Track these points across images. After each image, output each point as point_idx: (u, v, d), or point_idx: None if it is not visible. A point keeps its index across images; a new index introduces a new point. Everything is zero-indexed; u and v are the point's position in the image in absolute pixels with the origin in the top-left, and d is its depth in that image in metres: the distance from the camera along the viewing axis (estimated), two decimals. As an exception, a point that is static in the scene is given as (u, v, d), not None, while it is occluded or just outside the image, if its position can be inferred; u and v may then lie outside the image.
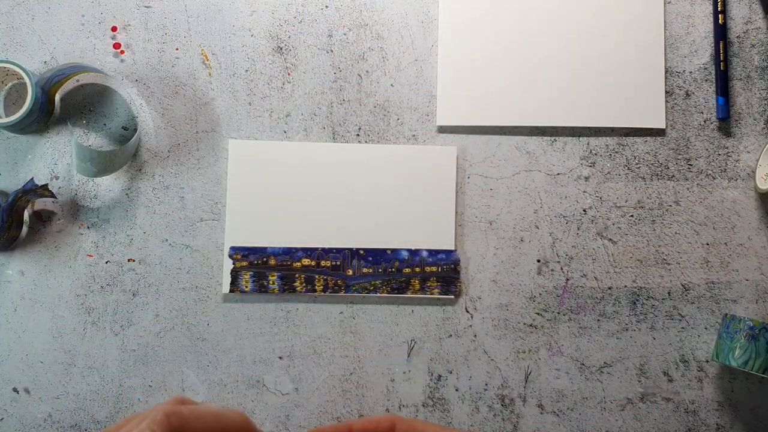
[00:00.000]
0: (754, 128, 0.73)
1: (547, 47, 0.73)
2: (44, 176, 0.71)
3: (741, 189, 0.72)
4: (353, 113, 0.72)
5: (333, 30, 0.73)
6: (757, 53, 0.73)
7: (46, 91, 0.68)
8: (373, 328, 0.71)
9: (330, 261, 0.70)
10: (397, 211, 0.71)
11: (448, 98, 0.72)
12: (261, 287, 0.70)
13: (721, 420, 0.71)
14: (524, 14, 0.73)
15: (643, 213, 0.72)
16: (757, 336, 0.64)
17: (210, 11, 0.73)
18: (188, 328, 0.71)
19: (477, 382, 0.71)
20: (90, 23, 0.73)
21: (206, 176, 0.72)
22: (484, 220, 0.72)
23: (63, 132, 0.72)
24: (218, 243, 0.71)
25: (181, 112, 0.72)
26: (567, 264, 0.72)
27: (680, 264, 0.72)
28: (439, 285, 0.70)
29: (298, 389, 0.71)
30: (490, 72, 0.72)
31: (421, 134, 0.72)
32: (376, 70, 0.73)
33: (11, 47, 0.72)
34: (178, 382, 0.70)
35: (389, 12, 0.73)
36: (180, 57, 0.73)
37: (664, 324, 0.71)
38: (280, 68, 0.73)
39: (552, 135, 0.73)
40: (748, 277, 0.71)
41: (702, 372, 0.71)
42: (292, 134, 0.72)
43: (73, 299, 0.70)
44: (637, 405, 0.71)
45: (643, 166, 0.72)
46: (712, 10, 0.74)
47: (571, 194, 0.72)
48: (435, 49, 0.73)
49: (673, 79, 0.73)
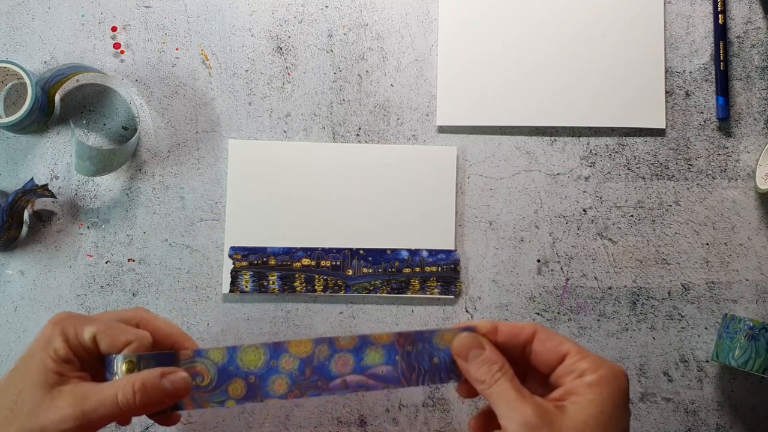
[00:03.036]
0: (754, 128, 0.73)
1: (547, 47, 0.73)
2: (44, 176, 0.71)
3: (741, 189, 0.72)
4: (353, 113, 0.72)
5: (333, 30, 0.73)
6: (757, 53, 0.73)
7: (46, 91, 0.68)
8: (373, 328, 0.71)
9: (330, 261, 0.70)
10: (397, 211, 0.71)
11: (448, 98, 0.72)
12: (261, 287, 0.70)
13: (721, 420, 0.71)
14: (524, 14, 0.73)
15: (643, 213, 0.72)
16: (757, 336, 0.64)
17: (210, 11, 0.73)
18: (188, 328, 0.71)
19: (477, 382, 0.71)
20: (90, 23, 0.73)
21: (206, 176, 0.72)
22: (484, 220, 0.72)
23: (63, 132, 0.72)
24: (218, 243, 0.71)
25: (181, 112, 0.72)
26: (567, 264, 0.72)
27: (680, 264, 0.72)
28: (439, 285, 0.70)
29: (298, 389, 0.71)
30: (490, 72, 0.72)
31: (421, 134, 0.72)
32: (376, 70, 0.73)
33: (11, 47, 0.72)
34: (178, 382, 0.70)
35: (389, 12, 0.73)
36: (180, 57, 0.73)
37: (664, 324, 0.71)
38: (280, 68, 0.73)
39: (552, 135, 0.73)
40: (748, 277, 0.71)
41: (702, 372, 0.71)
42: (292, 134, 0.72)
43: (73, 299, 0.70)
44: (637, 405, 0.71)
45: (643, 166, 0.72)
46: (712, 10, 0.74)
47: (571, 194, 0.72)
48: (435, 49, 0.73)
49: (673, 79, 0.73)
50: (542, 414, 0.46)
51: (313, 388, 0.52)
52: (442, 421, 0.70)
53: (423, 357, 0.52)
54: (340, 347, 0.52)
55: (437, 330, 0.52)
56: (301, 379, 0.52)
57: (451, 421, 0.70)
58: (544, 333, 0.50)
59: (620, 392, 0.48)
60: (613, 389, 0.47)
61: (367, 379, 0.52)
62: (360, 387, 0.52)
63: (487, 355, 0.49)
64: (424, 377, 0.52)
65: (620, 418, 0.47)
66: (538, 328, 0.51)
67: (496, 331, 0.51)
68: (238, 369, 0.52)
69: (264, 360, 0.52)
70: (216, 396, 0.52)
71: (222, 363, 0.52)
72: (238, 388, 0.52)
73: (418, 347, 0.52)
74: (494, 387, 0.48)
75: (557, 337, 0.50)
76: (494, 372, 0.48)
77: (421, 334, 0.52)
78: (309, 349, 0.52)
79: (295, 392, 0.52)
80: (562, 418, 0.46)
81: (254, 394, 0.52)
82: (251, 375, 0.52)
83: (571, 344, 0.49)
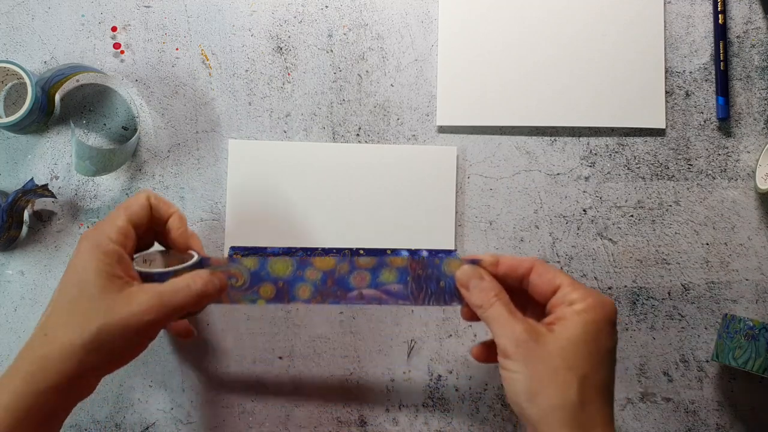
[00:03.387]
0: (754, 128, 0.73)
1: (547, 47, 0.73)
2: (44, 176, 0.71)
3: (741, 189, 0.72)
4: (353, 113, 0.72)
5: (333, 30, 0.73)
6: (757, 53, 0.73)
7: (46, 91, 0.68)
8: (373, 328, 0.71)
9: (330, 261, 0.70)
10: (397, 211, 0.71)
11: (448, 98, 0.72)
12: (261, 287, 0.70)
13: (721, 420, 0.71)
14: (524, 14, 0.73)
15: (643, 213, 0.72)
16: (757, 336, 0.64)
17: (210, 11, 0.73)
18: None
19: (477, 382, 0.71)
20: (90, 23, 0.73)
21: (206, 176, 0.72)
22: (484, 220, 0.72)
23: (63, 132, 0.72)
24: (218, 243, 0.71)
25: (181, 112, 0.72)
26: (567, 264, 0.72)
27: (680, 264, 0.72)
28: (439, 285, 0.70)
29: (298, 389, 0.71)
30: (490, 72, 0.72)
31: (421, 134, 0.72)
32: (376, 70, 0.73)
33: (11, 47, 0.72)
34: (178, 382, 0.70)
35: (389, 12, 0.73)
36: (180, 57, 0.73)
37: (664, 324, 0.71)
38: (280, 68, 0.73)
39: (552, 135, 0.73)
40: (748, 277, 0.71)
41: (702, 372, 0.71)
42: (292, 134, 0.72)
43: (73, 299, 0.70)
44: (637, 405, 0.71)
45: (643, 166, 0.72)
46: (712, 10, 0.74)
47: (571, 194, 0.72)
48: (435, 49, 0.73)
49: (673, 79, 0.73)
50: (530, 331, 0.53)
51: (333, 297, 0.60)
52: (442, 421, 0.70)
53: (431, 280, 0.59)
54: (359, 266, 0.60)
55: (446, 257, 0.59)
56: (323, 288, 0.60)
57: (451, 421, 0.70)
58: (542, 267, 0.56)
59: (605, 318, 0.53)
60: (597, 315, 0.53)
61: (381, 293, 0.60)
62: (374, 300, 0.60)
63: (485, 284, 0.56)
64: (431, 298, 0.59)
65: (603, 340, 0.53)
66: (536, 262, 0.57)
67: (498, 263, 0.58)
68: (268, 275, 0.59)
69: (291, 270, 0.60)
70: (249, 295, 0.59)
71: (254, 269, 0.59)
72: (268, 290, 0.60)
73: (427, 272, 0.59)
74: (490, 311, 0.55)
75: (553, 270, 0.56)
76: (490, 297, 0.55)
77: (432, 261, 0.59)
78: (332, 264, 0.60)
79: (317, 298, 0.60)
80: (548, 336, 0.53)
81: (282, 296, 0.60)
82: (280, 281, 0.60)
83: (565, 277, 0.55)
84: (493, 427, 0.70)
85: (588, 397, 0.52)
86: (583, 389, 0.51)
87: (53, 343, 0.52)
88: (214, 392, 0.70)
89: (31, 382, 0.51)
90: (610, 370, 0.53)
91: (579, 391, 0.51)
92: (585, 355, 0.52)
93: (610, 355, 0.53)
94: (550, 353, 0.52)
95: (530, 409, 0.52)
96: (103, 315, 0.52)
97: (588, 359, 0.52)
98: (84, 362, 0.52)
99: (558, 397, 0.51)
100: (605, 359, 0.53)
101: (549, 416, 0.51)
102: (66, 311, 0.53)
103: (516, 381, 0.52)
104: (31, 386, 0.51)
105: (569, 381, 0.51)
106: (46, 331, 0.52)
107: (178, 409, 0.70)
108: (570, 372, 0.51)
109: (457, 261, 0.58)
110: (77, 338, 0.51)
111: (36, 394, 0.51)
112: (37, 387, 0.51)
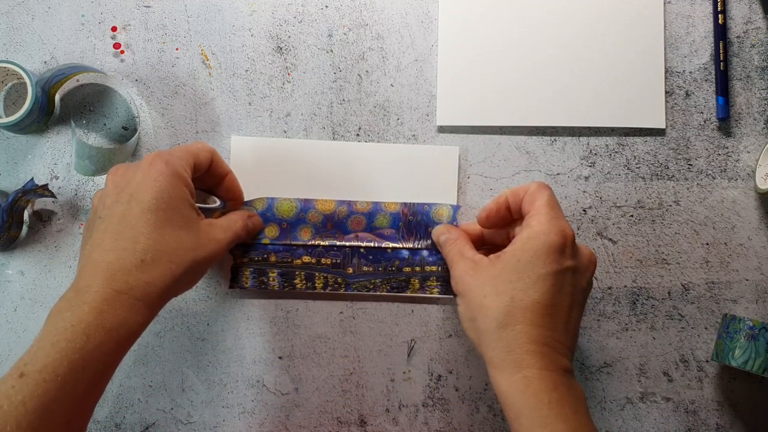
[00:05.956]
0: (754, 128, 0.73)
1: (547, 47, 0.73)
2: (44, 176, 0.71)
3: (741, 189, 0.72)
4: (353, 113, 0.72)
5: (333, 30, 0.73)
6: (757, 53, 0.73)
7: (46, 91, 0.68)
8: (373, 328, 0.71)
9: (330, 259, 0.70)
10: (397, 211, 0.71)
11: (448, 98, 0.72)
12: (261, 284, 0.70)
13: (721, 420, 0.71)
14: (524, 14, 0.73)
15: (643, 213, 0.72)
16: (757, 336, 0.64)
17: (210, 11, 0.73)
18: (188, 328, 0.71)
19: (477, 382, 0.71)
20: (90, 23, 0.73)
21: (206, 176, 0.72)
22: (484, 220, 0.72)
23: (63, 132, 0.72)
24: (218, 243, 0.71)
25: (181, 112, 0.72)
26: (567, 264, 0.71)
27: (680, 264, 0.72)
28: (439, 285, 0.70)
29: (298, 389, 0.70)
30: (490, 72, 0.72)
31: (421, 134, 0.72)
32: (376, 70, 0.73)
33: (11, 47, 0.72)
34: (178, 382, 0.70)
35: (389, 12, 0.73)
36: (180, 57, 0.73)
37: (664, 324, 0.71)
38: (280, 68, 0.73)
39: (552, 135, 0.73)
40: (748, 277, 0.71)
41: (702, 372, 0.71)
42: (292, 134, 0.72)
43: (72, 299, 0.70)
44: (637, 405, 0.71)
45: (643, 166, 0.72)
46: (712, 10, 0.74)
47: (571, 194, 0.72)
48: (435, 49, 0.73)
49: (673, 79, 0.73)
50: (471, 266, 0.59)
51: (332, 238, 0.69)
52: (442, 421, 0.70)
53: (420, 226, 0.69)
54: (356, 210, 0.69)
55: (434, 205, 0.69)
56: (323, 230, 0.69)
57: (451, 421, 0.70)
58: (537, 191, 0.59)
59: (544, 245, 0.56)
60: (536, 242, 0.56)
61: (375, 236, 0.69)
62: (369, 243, 0.68)
63: (448, 236, 0.65)
64: (419, 241, 0.69)
65: (536, 266, 0.56)
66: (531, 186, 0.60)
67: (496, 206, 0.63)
68: (274, 216, 0.68)
69: (295, 211, 0.68)
70: (256, 234, 0.68)
71: (262, 209, 0.68)
72: (273, 230, 0.69)
73: (417, 218, 0.69)
74: (448, 256, 0.64)
75: (539, 194, 0.59)
76: (450, 245, 0.64)
77: (422, 207, 0.69)
78: (332, 207, 0.68)
79: (317, 239, 0.68)
80: (484, 267, 0.58)
81: (285, 236, 0.68)
82: (284, 222, 0.68)
83: (542, 203, 0.58)
84: (493, 427, 0.70)
85: (514, 319, 0.55)
86: (510, 312, 0.55)
87: (153, 271, 0.55)
88: (214, 392, 0.70)
89: (136, 311, 0.54)
90: (545, 292, 0.55)
91: (505, 314, 0.55)
92: (513, 279, 0.56)
93: (546, 279, 0.55)
94: (483, 283, 0.57)
95: (470, 335, 0.59)
96: (194, 249, 0.57)
97: (516, 283, 0.56)
98: (171, 290, 0.56)
99: (485, 321, 0.56)
100: (538, 283, 0.55)
101: (480, 339, 0.57)
102: (160, 240, 0.56)
103: (460, 312, 0.60)
104: (137, 316, 0.54)
105: (495, 305, 0.56)
106: (143, 257, 0.54)
107: (178, 409, 0.70)
108: (498, 297, 0.56)
109: (443, 207, 0.69)
110: (177, 268, 0.56)
111: (138, 324, 0.54)
112: (140, 315, 0.54)
